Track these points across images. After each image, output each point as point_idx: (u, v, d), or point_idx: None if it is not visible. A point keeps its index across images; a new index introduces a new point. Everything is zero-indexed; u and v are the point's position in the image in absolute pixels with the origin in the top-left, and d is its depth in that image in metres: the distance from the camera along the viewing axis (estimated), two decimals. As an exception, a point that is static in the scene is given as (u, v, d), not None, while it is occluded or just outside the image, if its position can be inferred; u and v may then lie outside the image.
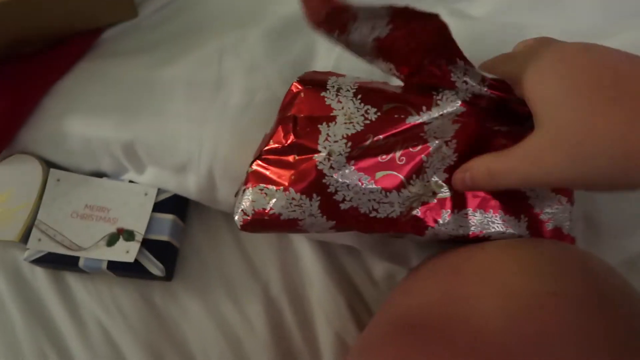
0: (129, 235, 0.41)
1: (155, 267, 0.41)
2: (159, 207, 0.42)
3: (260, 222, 0.32)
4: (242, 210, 0.32)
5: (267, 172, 0.32)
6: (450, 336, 0.27)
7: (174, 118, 0.41)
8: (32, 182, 0.43)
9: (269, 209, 0.31)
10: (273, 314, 0.43)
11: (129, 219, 0.42)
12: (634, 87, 0.25)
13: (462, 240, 0.34)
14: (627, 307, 0.28)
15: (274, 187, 0.31)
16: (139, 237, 0.41)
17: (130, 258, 0.40)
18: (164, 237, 0.42)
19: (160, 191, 0.43)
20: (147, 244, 0.41)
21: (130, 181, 0.43)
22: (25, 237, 0.42)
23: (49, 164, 0.44)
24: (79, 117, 0.42)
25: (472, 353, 0.25)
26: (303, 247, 0.44)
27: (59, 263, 0.41)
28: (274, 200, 0.31)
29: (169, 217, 0.42)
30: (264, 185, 0.32)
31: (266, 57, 0.41)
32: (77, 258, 0.41)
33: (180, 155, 0.40)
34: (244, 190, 0.32)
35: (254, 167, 0.33)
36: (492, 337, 0.26)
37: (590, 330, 0.25)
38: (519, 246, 0.31)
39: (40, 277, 0.44)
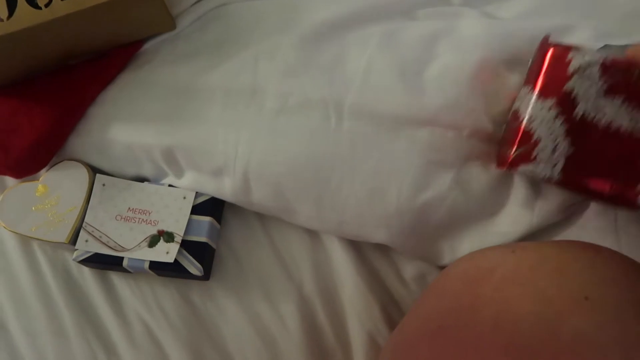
0: (169, 236, 0.43)
1: (193, 266, 0.43)
2: (196, 209, 0.44)
3: None
4: None
5: None
6: (481, 338, 0.27)
7: (212, 123, 0.43)
8: (80, 186, 0.46)
9: None
10: (306, 313, 0.44)
11: (168, 221, 0.44)
12: None
13: None
14: None
15: None
16: (179, 239, 0.43)
17: (170, 258, 0.42)
18: (202, 239, 0.44)
19: (197, 194, 0.45)
20: (186, 245, 0.43)
21: (170, 185, 0.45)
22: (74, 239, 0.44)
23: (94, 170, 0.47)
24: (123, 124, 0.44)
25: (503, 355, 0.26)
26: (334, 247, 0.45)
27: (105, 263, 0.44)
28: None
29: (206, 219, 0.44)
30: None
31: (299, 63, 0.42)
32: (122, 258, 0.43)
33: (217, 159, 0.42)
34: None
35: None
36: (525, 340, 0.26)
37: (625, 338, 0.25)
38: (554, 250, 0.31)
39: (87, 276, 0.46)
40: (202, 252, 0.43)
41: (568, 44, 0.34)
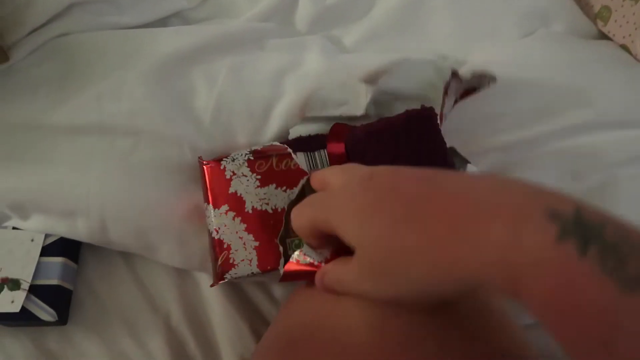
0: (14, 284, 0.40)
1: (45, 312, 0.40)
2: (47, 250, 0.42)
3: None
4: None
5: None
6: (319, 352, 0.29)
7: (59, 163, 0.41)
8: None
9: None
10: (175, 345, 0.43)
11: (14, 267, 0.41)
12: (423, 207, 0.25)
13: None
14: (473, 314, 0.31)
15: None
16: (25, 285, 0.40)
17: (15, 308, 0.39)
18: (54, 281, 0.41)
19: (48, 234, 0.42)
20: (36, 290, 0.41)
21: (15, 228, 0.42)
22: None
23: None
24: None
25: None
26: (202, 274, 0.44)
27: (-60, 321, 0.40)
28: None
29: (58, 260, 0.42)
30: None
31: (147, 99, 0.41)
32: (-40, 313, 0.39)
33: (67, 201, 0.40)
34: None
35: None
36: (355, 352, 0.28)
37: (440, 336, 0.29)
38: None
39: None
40: (54, 295, 0.41)
41: (218, 157, 0.38)
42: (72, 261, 0.43)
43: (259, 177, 0.37)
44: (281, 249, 0.36)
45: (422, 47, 0.48)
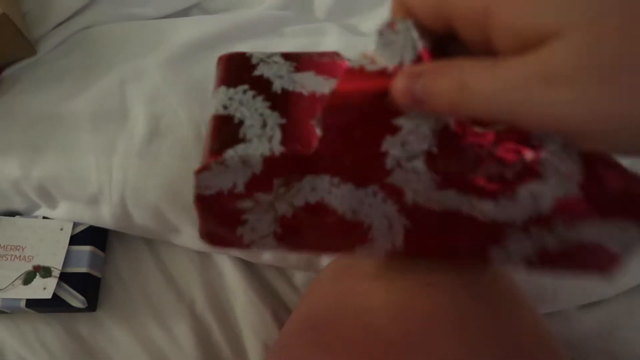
0: (45, 271, 0.42)
1: (75, 299, 0.41)
2: (76, 239, 0.43)
3: None
4: None
5: None
6: (343, 333, 0.29)
7: (82, 151, 0.41)
8: (-60, 228, 0.42)
9: None
10: (200, 332, 0.44)
11: (45, 255, 0.42)
12: None
13: None
14: (494, 297, 0.31)
15: None
16: (56, 273, 0.41)
17: (47, 294, 0.41)
18: (83, 269, 0.42)
19: (76, 223, 0.43)
20: (66, 278, 0.42)
21: (45, 217, 0.44)
22: (-63, 285, 0.41)
23: (-43, 208, 0.43)
24: (-17, 158, 0.42)
25: (360, 348, 0.28)
26: (224, 263, 0.45)
27: (-25, 307, 0.41)
28: None
29: (86, 248, 0.43)
30: None
31: (167, 84, 0.42)
32: (-6, 300, 0.41)
33: (91, 187, 0.41)
34: None
35: None
36: (379, 331, 0.28)
37: (462, 315, 0.29)
38: None
39: (-41, 323, 0.43)
40: (84, 283, 0.42)
41: None
42: (100, 250, 0.44)
43: (294, 64, 0.30)
44: (319, 130, 0.26)
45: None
